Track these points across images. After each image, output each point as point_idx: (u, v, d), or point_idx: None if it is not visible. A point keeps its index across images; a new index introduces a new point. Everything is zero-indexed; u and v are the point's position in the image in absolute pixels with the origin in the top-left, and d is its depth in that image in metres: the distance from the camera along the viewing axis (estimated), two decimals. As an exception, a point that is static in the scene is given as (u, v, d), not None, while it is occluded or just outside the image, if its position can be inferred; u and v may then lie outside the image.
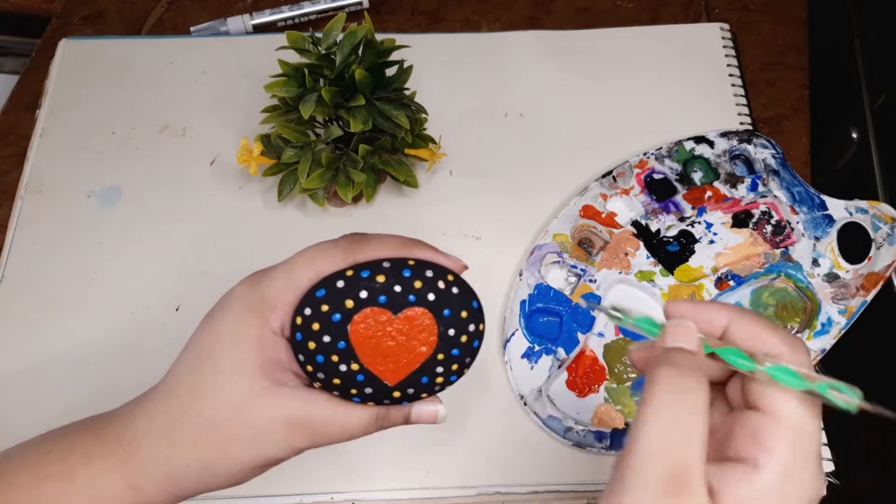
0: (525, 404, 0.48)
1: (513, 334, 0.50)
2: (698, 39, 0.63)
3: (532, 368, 0.49)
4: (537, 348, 0.49)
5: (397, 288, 0.32)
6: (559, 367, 0.49)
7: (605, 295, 0.51)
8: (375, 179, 0.53)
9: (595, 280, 0.51)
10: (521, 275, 0.52)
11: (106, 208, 0.56)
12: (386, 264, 0.33)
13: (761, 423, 0.27)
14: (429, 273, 0.33)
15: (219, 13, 0.67)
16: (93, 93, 0.61)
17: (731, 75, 0.61)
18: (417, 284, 0.33)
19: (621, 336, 0.50)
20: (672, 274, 0.51)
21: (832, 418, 0.47)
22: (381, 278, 0.32)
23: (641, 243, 0.53)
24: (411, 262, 0.33)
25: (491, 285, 0.52)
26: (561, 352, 0.49)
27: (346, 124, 0.50)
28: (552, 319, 0.51)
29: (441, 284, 0.33)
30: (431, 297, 0.33)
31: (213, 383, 0.32)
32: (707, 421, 0.27)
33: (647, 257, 0.52)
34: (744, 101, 0.60)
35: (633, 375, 0.49)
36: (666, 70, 0.62)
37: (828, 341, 0.49)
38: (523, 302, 0.51)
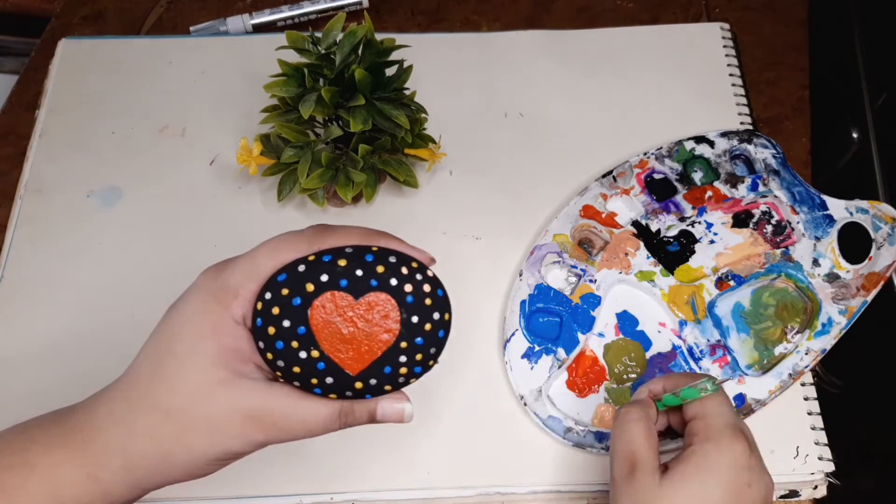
0: (525, 404, 0.48)
1: (513, 334, 0.50)
2: (698, 39, 0.63)
3: (532, 369, 0.49)
4: (537, 348, 0.49)
5: (359, 272, 0.32)
6: (559, 367, 0.49)
7: (605, 295, 0.51)
8: (375, 179, 0.53)
9: (595, 280, 0.51)
10: (521, 275, 0.52)
11: (106, 208, 0.56)
12: (349, 249, 0.33)
13: (692, 425, 0.38)
14: (392, 259, 0.33)
15: (218, 13, 0.67)
16: (93, 93, 0.61)
17: (731, 75, 0.61)
18: (380, 269, 0.32)
19: (621, 336, 0.50)
20: (672, 274, 0.51)
21: (832, 418, 0.48)
22: (342, 262, 0.32)
23: (641, 243, 0.53)
24: (374, 249, 0.33)
25: (491, 285, 0.52)
26: (561, 352, 0.49)
27: (346, 124, 0.49)
28: (552, 319, 0.50)
29: (404, 270, 0.32)
30: (394, 282, 0.32)
31: (171, 371, 0.32)
32: (647, 427, 0.38)
33: (648, 257, 0.52)
34: (744, 100, 0.60)
35: (632, 376, 0.49)
36: (666, 70, 0.62)
37: (828, 341, 0.49)
38: (523, 302, 0.51)
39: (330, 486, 0.46)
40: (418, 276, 0.33)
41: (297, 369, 0.32)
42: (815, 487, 0.47)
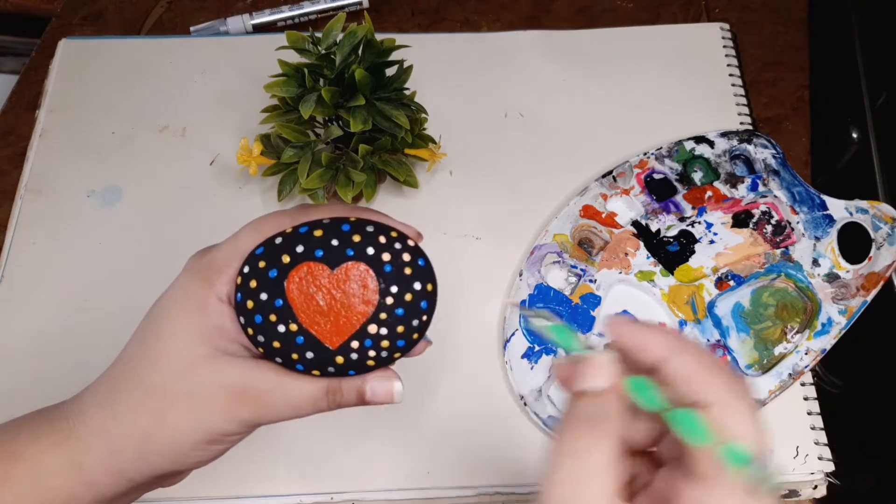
0: (525, 404, 0.48)
1: (513, 334, 0.50)
2: (698, 39, 0.63)
3: (532, 368, 0.49)
4: (537, 348, 0.49)
5: (335, 242, 0.31)
6: (559, 367, 0.49)
7: (605, 295, 0.51)
8: (375, 179, 0.53)
9: (595, 280, 0.51)
10: (521, 275, 0.52)
11: (106, 208, 0.56)
12: (326, 221, 0.32)
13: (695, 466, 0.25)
14: (369, 228, 0.32)
15: (219, 13, 0.67)
16: (93, 93, 0.61)
17: (731, 75, 0.61)
18: (356, 238, 0.32)
19: (621, 336, 0.50)
20: (672, 274, 0.51)
21: (832, 418, 0.48)
22: (318, 233, 0.32)
23: (641, 243, 0.53)
24: (352, 219, 0.32)
25: (491, 285, 0.52)
26: (561, 352, 0.49)
27: (346, 124, 0.49)
28: (552, 319, 0.50)
29: (382, 239, 0.32)
30: (371, 251, 0.31)
31: (154, 348, 0.32)
32: (611, 477, 0.25)
33: (648, 257, 0.52)
34: (744, 101, 0.60)
35: (633, 375, 0.49)
36: (666, 70, 0.62)
37: (828, 341, 0.49)
38: (523, 302, 0.51)
39: (330, 486, 0.46)
40: (397, 245, 0.32)
41: (277, 344, 0.32)
42: (815, 487, 0.47)
